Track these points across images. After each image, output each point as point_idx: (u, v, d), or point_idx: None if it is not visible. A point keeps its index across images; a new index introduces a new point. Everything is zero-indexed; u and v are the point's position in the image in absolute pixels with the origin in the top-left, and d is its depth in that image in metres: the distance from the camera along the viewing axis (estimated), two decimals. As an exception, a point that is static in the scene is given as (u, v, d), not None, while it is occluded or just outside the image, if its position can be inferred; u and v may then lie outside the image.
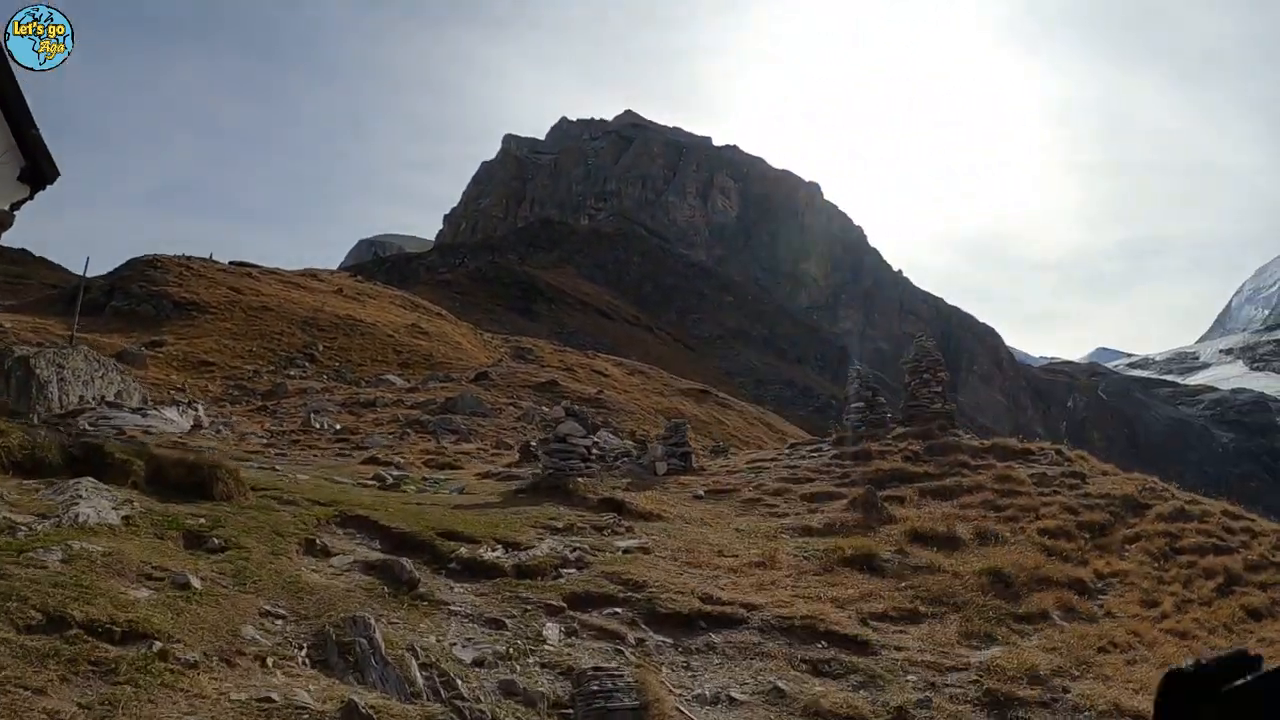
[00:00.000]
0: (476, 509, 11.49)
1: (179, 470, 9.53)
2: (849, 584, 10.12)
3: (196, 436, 24.68)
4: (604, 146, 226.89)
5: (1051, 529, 15.80)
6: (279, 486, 11.09)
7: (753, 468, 18.96)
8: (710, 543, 11.24)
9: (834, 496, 15.88)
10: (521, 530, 10.36)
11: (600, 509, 12.20)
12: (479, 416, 38.14)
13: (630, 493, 14.66)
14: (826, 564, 10.86)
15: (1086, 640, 10.34)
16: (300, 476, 15.40)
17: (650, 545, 10.30)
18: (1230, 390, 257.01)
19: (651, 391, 67.44)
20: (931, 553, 12.40)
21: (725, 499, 15.62)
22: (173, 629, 5.76)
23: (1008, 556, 12.88)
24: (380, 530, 9.81)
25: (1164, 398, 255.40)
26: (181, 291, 56.89)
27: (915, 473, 18.04)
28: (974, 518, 15.42)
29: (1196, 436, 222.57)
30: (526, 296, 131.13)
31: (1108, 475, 21.31)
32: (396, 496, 12.43)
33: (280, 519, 9.33)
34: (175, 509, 8.86)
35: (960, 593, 10.78)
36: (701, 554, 10.44)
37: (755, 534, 12.88)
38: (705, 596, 8.60)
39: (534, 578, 9.14)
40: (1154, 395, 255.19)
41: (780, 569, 10.29)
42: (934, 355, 26.67)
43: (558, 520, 11.02)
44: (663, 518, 12.55)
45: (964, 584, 11.13)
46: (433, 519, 10.33)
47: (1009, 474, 18.63)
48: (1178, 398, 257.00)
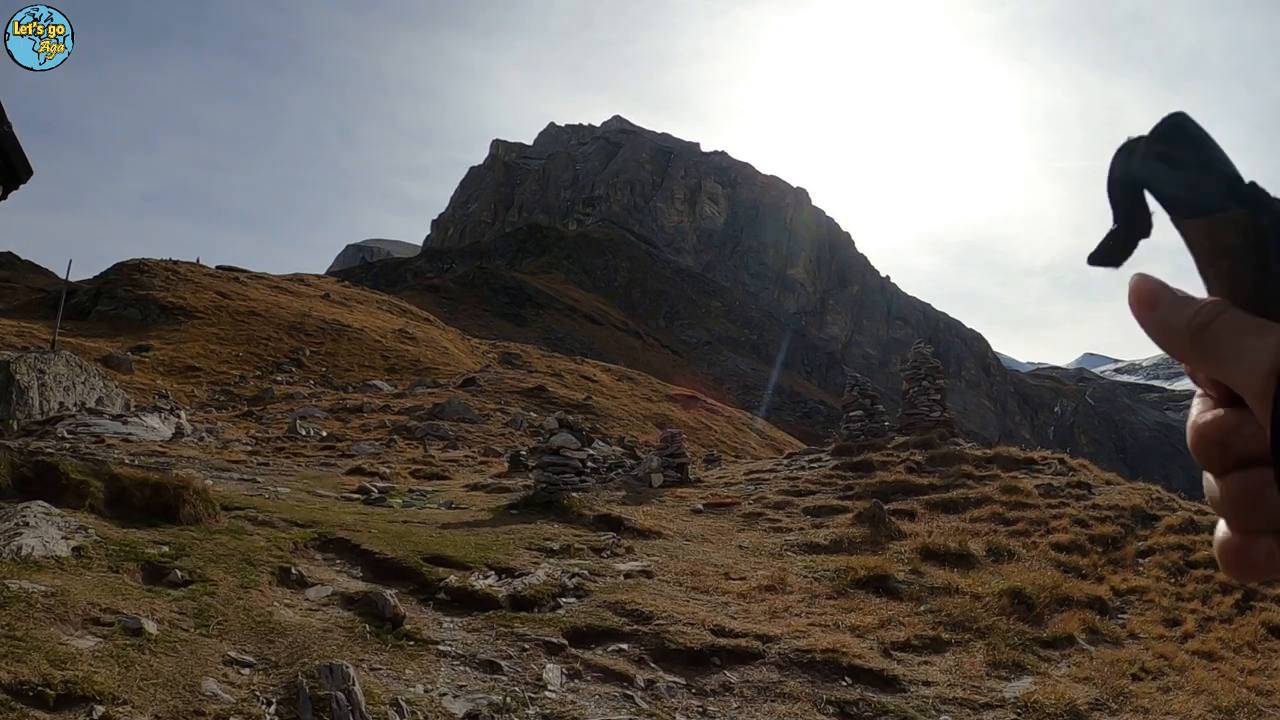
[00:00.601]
0: (466, 528, 10.65)
1: (143, 491, 8.60)
2: (866, 609, 9.45)
3: (178, 444, 23.89)
4: (592, 151, 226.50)
5: (1064, 544, 15.28)
6: (255, 505, 10.24)
7: (751, 479, 18.29)
8: (715, 563, 10.52)
9: (838, 510, 15.23)
10: (515, 553, 9.53)
11: (597, 527, 11.45)
12: (467, 423, 37.60)
13: (626, 507, 13.95)
14: (839, 586, 10.20)
15: (1118, 667, 9.78)
16: (281, 490, 14.65)
17: (652, 568, 9.53)
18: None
19: (640, 397, 66.98)
20: (946, 572, 11.79)
21: (725, 513, 14.92)
22: (119, 687, 4.96)
23: (1025, 575, 12.32)
24: (362, 555, 8.99)
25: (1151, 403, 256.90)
26: (168, 296, 56.30)
27: (920, 484, 17.43)
28: (984, 532, 14.85)
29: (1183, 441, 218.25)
30: (514, 302, 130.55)
31: (1112, 485, 20.87)
32: (381, 514, 11.55)
33: (253, 544, 8.50)
34: (136, 536, 8.02)
35: (982, 616, 10.15)
36: (707, 577, 9.72)
37: (760, 552, 12.22)
38: (717, 628, 7.83)
39: (531, 609, 8.35)
40: (1141, 400, 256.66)
41: (792, 593, 9.61)
42: (932, 362, 26.08)
43: (553, 541, 10.18)
44: (662, 535, 11.84)
45: (984, 607, 10.51)
46: (419, 541, 9.50)
47: (1015, 485, 18.08)
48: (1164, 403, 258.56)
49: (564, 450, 12.22)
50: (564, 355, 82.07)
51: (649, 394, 70.19)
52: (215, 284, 63.14)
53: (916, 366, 25.62)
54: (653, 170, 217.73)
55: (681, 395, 73.95)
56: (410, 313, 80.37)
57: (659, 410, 63.06)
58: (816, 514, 15.04)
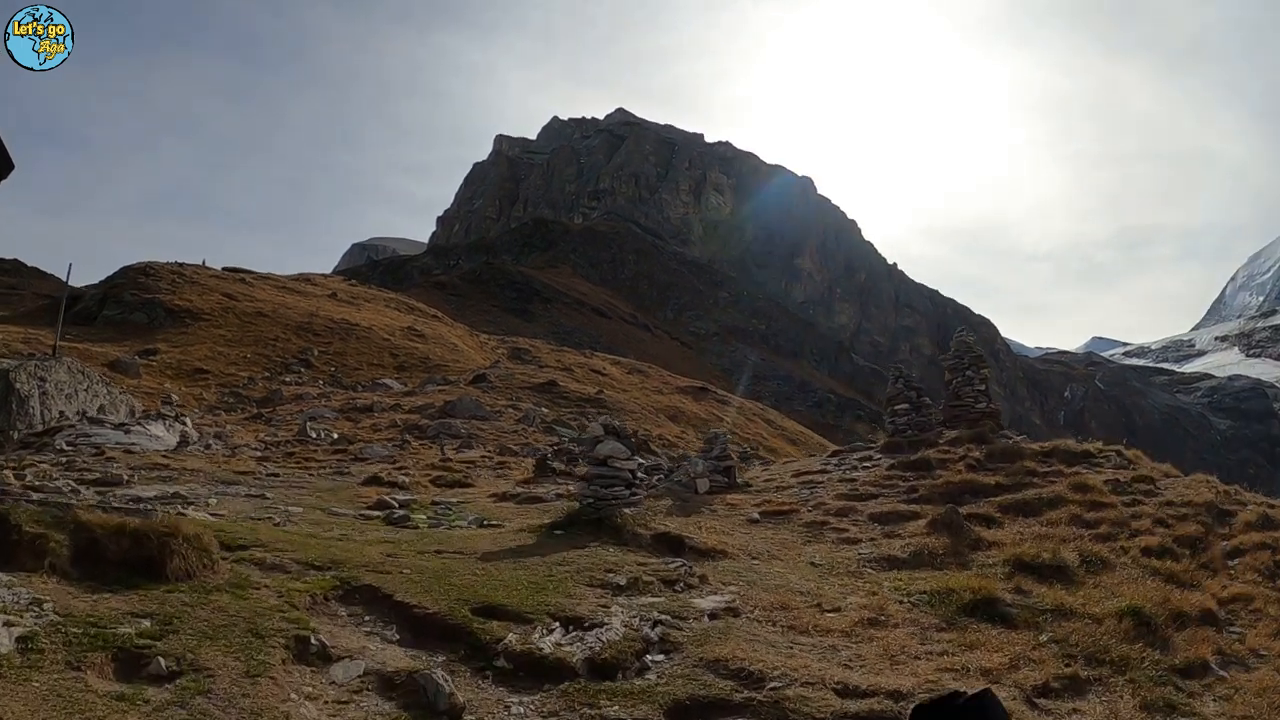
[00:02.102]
0: (511, 558, 9.01)
1: (119, 542, 6.74)
2: (986, 643, 8.13)
3: (183, 454, 22.66)
4: (596, 145, 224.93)
5: (1153, 548, 14.04)
6: (261, 537, 8.62)
7: (803, 482, 16.95)
8: (798, 590, 9.16)
9: (907, 516, 13.90)
10: (577, 592, 7.96)
11: (657, 548, 10.01)
12: (479, 420, 36.55)
13: (677, 519, 12.60)
14: (945, 615, 8.88)
15: (1264, 697, 8.56)
16: (293, 509, 13.32)
17: (736, 602, 8.13)
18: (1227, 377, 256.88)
19: (650, 390, 65.81)
20: (1050, 588, 10.54)
21: (785, 523, 13.56)
22: None
23: (1134, 590, 11.11)
24: (397, 608, 7.31)
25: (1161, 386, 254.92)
26: (174, 299, 55.42)
27: (987, 485, 16.12)
28: (1069, 537, 13.58)
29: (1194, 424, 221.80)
30: (522, 297, 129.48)
31: (1171, 477, 19.74)
32: (409, 539, 9.96)
33: (261, 603, 6.76)
34: (108, 607, 6.22)
35: (1110, 645, 8.89)
36: (799, 610, 8.35)
37: (836, 569, 10.88)
38: (840, 686, 6.38)
39: (614, 675, 6.80)
40: (1151, 384, 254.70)
41: (898, 625, 8.30)
42: (975, 350, 24.82)
43: (616, 573, 8.56)
44: (728, 554, 10.47)
45: (1106, 632, 9.27)
46: (462, 582, 7.93)
47: (1085, 482, 16.83)
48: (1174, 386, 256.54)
49: (611, 460, 10.74)
50: (573, 349, 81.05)
51: (659, 386, 69.09)
52: (222, 285, 62.23)
53: (959, 356, 24.36)
54: (657, 162, 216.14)
55: (692, 387, 72.82)
56: (418, 310, 79.27)
57: (670, 403, 61.96)
58: (884, 521, 13.71)
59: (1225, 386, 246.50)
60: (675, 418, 57.58)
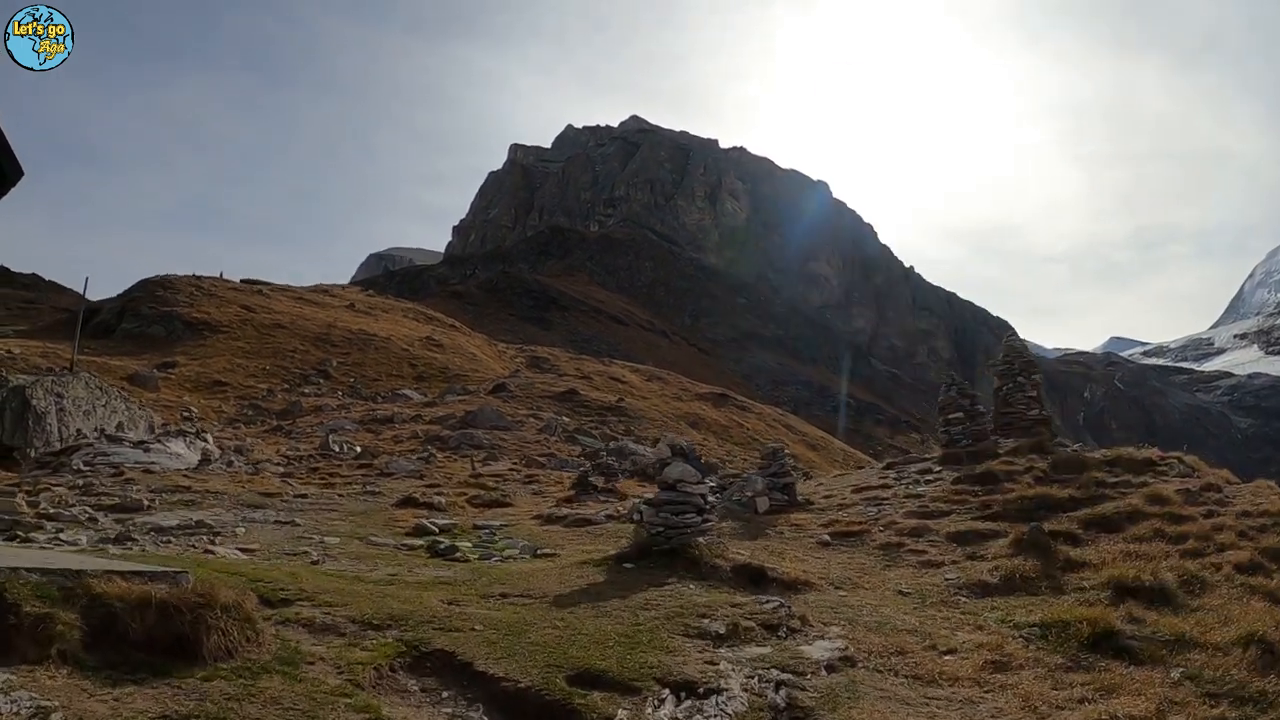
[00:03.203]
0: (587, 601, 7.77)
1: (143, 618, 5.36)
2: (1122, 685, 7.18)
3: (205, 473, 21.87)
4: (611, 152, 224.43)
5: (1244, 564, 12.96)
6: (306, 590, 7.22)
7: (867, 499, 15.94)
8: (904, 629, 8.16)
9: (986, 535, 12.90)
10: (675, 645, 6.55)
11: (738, 581, 8.97)
12: (501, 430, 35.92)
13: (747, 544, 11.63)
14: (1069, 653, 7.92)
15: None
16: (328, 539, 12.41)
17: (849, 649, 7.14)
18: (1247, 375, 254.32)
19: (670, 397, 65.01)
20: (1160, 615, 9.56)
21: (858, 545, 12.57)
22: None
23: (1240, 611, 10.12)
24: (478, 680, 5.95)
25: (1180, 385, 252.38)
26: (192, 311, 55.12)
27: (1060, 499, 15.09)
28: (1157, 554, 12.56)
29: (1215, 423, 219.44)
30: (539, 305, 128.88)
31: (1233, 484, 18.68)
32: (465, 581, 8.64)
33: (319, 686, 5.30)
34: (132, 709, 4.55)
35: (1245, 679, 7.92)
36: (914, 654, 7.38)
37: (926, 599, 9.90)
38: None
39: None
40: (1170, 383, 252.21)
41: (1024, 667, 7.35)
42: (1025, 355, 23.80)
43: (711, 617, 7.34)
44: (812, 585, 9.49)
45: (1234, 663, 8.30)
46: (543, 639, 6.63)
47: (1159, 494, 15.77)
48: (1194, 385, 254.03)
49: (681, 484, 9.72)
50: (592, 357, 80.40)
51: (679, 393, 68.32)
52: (239, 298, 61.89)
53: (1009, 361, 23.32)
54: (672, 169, 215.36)
55: (712, 394, 71.99)
56: (436, 319, 78.74)
57: (691, 410, 61.17)
58: (963, 541, 12.70)
59: (1245, 384, 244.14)
60: (696, 424, 56.75)
